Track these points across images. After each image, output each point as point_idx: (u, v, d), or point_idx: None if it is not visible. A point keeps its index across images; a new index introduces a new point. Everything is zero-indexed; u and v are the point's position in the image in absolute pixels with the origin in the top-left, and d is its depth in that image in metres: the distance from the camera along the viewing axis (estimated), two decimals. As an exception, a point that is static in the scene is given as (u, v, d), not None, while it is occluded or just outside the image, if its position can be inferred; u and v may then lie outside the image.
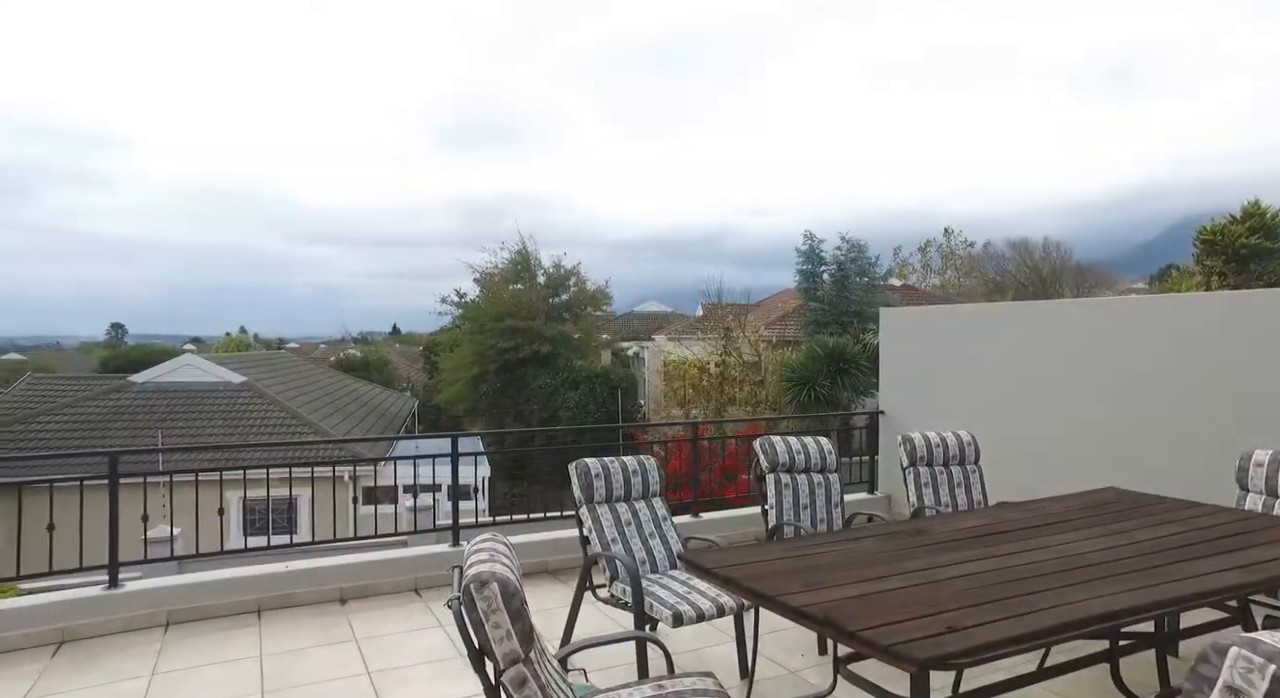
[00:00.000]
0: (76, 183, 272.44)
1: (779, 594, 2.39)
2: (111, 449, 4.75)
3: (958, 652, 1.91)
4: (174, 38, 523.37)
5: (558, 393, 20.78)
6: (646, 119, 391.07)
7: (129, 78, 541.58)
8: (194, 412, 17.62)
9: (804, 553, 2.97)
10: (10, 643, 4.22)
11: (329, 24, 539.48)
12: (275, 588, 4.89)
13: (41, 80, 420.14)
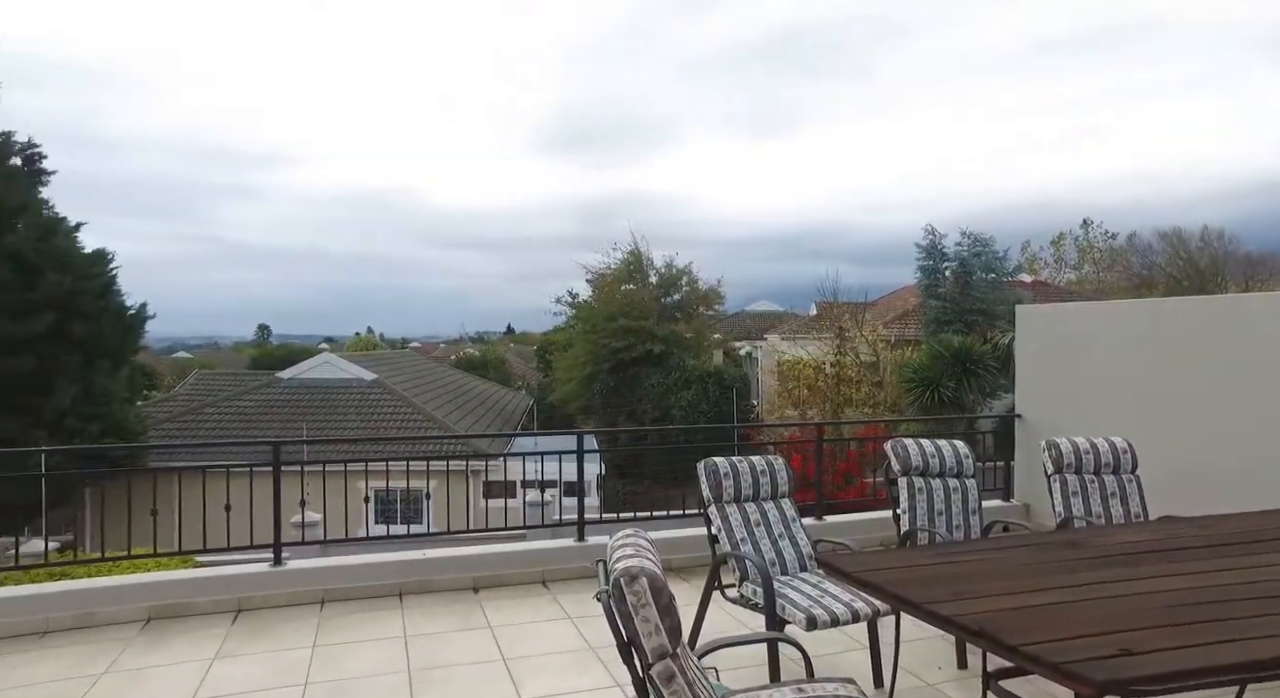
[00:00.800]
0: (230, 197, 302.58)
1: (926, 602, 2.31)
2: (275, 439, 5.18)
3: (1144, 677, 1.77)
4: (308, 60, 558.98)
5: (670, 392, 20.90)
6: (758, 117, 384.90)
7: (265, 100, 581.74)
8: (331, 406, 18.96)
9: (947, 560, 2.85)
10: (200, 608, 4.71)
11: (447, 28, 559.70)
12: (415, 574, 5.18)
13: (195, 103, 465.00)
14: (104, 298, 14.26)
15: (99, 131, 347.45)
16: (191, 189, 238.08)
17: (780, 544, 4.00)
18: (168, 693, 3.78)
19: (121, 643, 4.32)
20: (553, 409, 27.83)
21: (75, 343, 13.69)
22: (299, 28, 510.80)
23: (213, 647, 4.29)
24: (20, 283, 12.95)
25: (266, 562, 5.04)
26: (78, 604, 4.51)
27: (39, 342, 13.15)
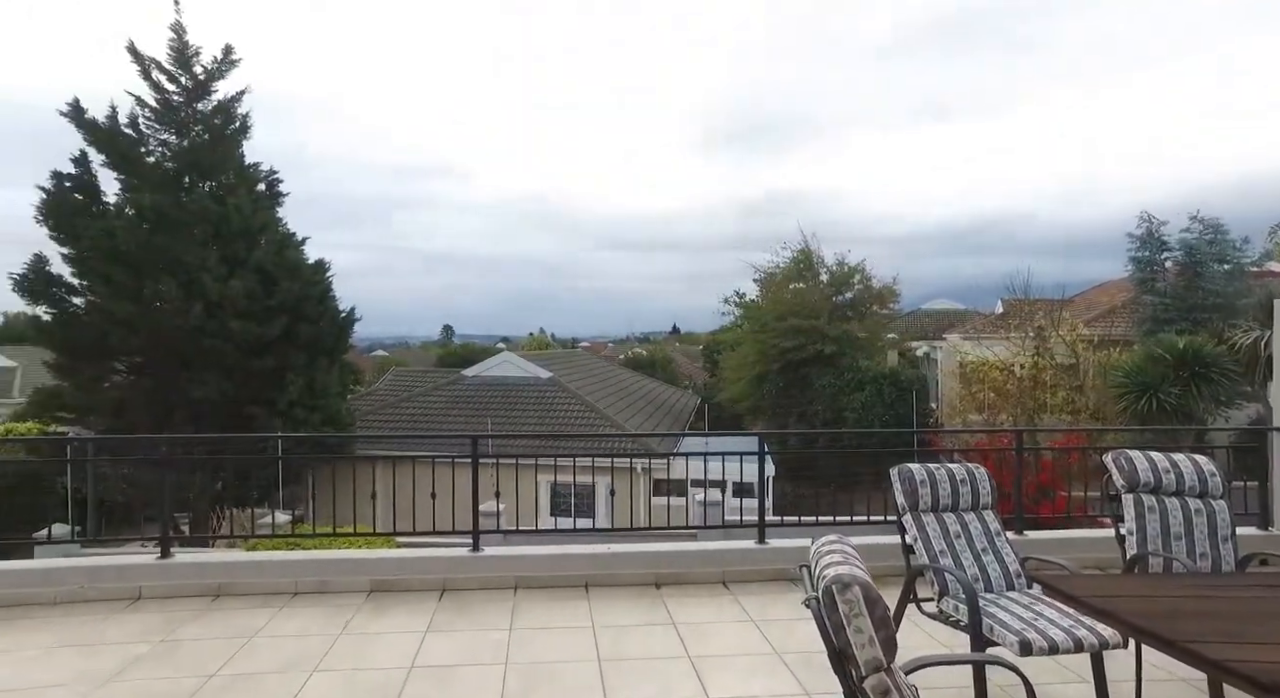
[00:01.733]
0: (415, 208, 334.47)
1: (1186, 640, 2.04)
2: (474, 432, 5.58)
3: None
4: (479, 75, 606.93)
5: (842, 394, 20.22)
6: (931, 106, 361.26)
7: (440, 116, 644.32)
8: (511, 402, 20.15)
9: (1202, 594, 2.51)
10: (411, 584, 5.18)
11: (612, 33, 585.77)
12: (600, 567, 5.36)
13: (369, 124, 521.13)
14: (323, 303, 16.13)
15: (308, 155, 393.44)
16: (382, 203, 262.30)
17: (984, 559, 3.73)
18: (392, 657, 4.18)
19: (352, 609, 4.85)
20: (720, 409, 27.87)
21: (301, 343, 15.59)
22: (466, 46, 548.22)
23: (424, 620, 4.70)
24: (263, 291, 14.96)
25: (466, 547, 5.43)
26: (318, 572, 5.12)
27: (276, 343, 15.12)
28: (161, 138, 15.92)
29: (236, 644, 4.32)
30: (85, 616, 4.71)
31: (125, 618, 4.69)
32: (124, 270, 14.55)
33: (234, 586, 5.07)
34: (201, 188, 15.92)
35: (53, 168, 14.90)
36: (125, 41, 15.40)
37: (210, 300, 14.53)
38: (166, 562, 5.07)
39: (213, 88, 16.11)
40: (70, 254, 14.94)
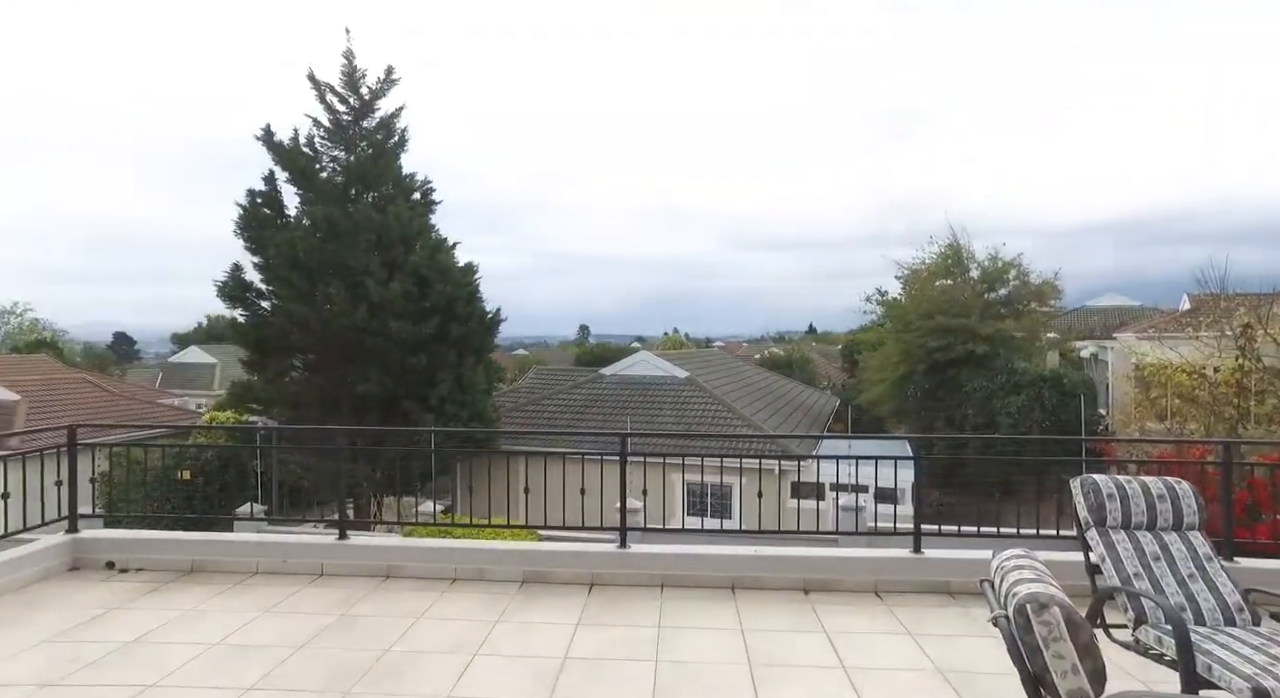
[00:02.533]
0: (553, 211, 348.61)
1: None
2: (623, 431, 5.66)
3: None
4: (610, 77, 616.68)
5: (996, 397, 18.89)
6: (1090, 84, 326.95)
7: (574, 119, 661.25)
8: (649, 401, 20.39)
9: None
10: (560, 577, 5.33)
11: (741, 31, 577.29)
12: (746, 569, 5.28)
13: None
14: (471, 304, 17.01)
15: (459, 163, 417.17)
16: (523, 207, 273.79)
17: (1191, 587, 3.32)
18: (547, 647, 4.32)
19: (506, 598, 5.06)
20: (861, 411, 26.88)
21: (452, 342, 16.52)
22: (603, 49, 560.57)
23: (575, 614, 4.81)
24: (418, 293, 16.01)
25: (612, 544, 5.51)
26: (476, 561, 5.38)
27: (429, 341, 16.12)
28: (333, 154, 17.38)
29: (406, 623, 4.62)
30: (282, 586, 5.20)
31: (312, 592, 5.13)
32: (301, 276, 16.03)
33: (401, 568, 5.42)
34: (365, 198, 17.23)
35: (249, 187, 16.68)
36: (306, 71, 16.97)
37: (372, 302, 15.69)
38: (344, 543, 5.51)
39: (376, 106, 17.40)
40: (259, 263, 16.64)
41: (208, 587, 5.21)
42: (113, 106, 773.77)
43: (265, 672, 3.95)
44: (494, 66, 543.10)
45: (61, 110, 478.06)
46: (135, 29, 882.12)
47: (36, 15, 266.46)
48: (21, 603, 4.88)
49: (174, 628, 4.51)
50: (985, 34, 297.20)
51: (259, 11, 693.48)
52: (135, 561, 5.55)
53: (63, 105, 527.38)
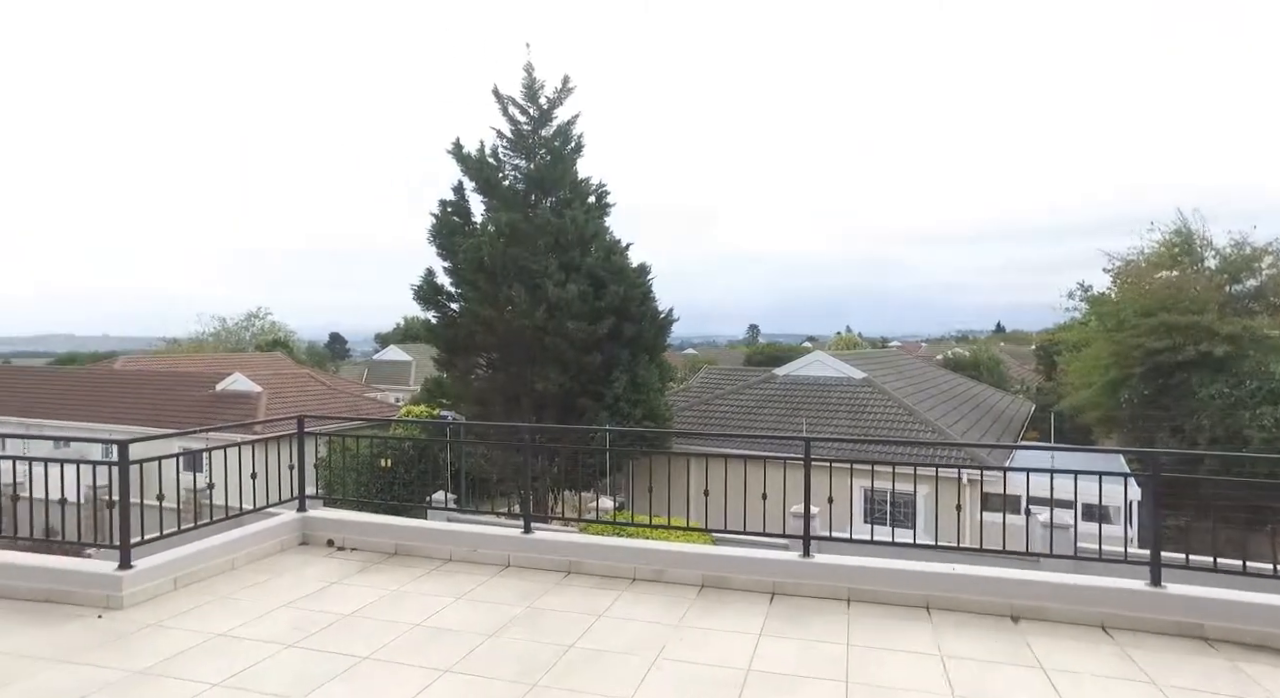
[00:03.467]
0: (728, 210, 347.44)
1: None
2: (807, 435, 5.40)
3: None
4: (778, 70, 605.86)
5: (1240, 406, 16.27)
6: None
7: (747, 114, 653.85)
8: (823, 402, 19.68)
9: None
10: (740, 584, 5.17)
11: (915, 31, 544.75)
12: (942, 588, 4.84)
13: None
14: (645, 304, 17.29)
15: (632, 166, 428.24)
16: (692, 207, 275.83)
17: None
18: (728, 656, 4.17)
19: (686, 602, 4.97)
20: (1062, 418, 24.31)
21: (626, 341, 16.88)
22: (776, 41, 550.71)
23: (756, 623, 4.63)
24: (593, 294, 16.52)
25: (793, 552, 5.26)
26: (655, 562, 5.35)
27: (603, 341, 16.58)
28: (514, 163, 18.36)
29: (588, 621, 4.66)
30: (473, 574, 5.46)
31: (499, 582, 5.34)
32: (486, 279, 17.07)
33: (582, 565, 5.50)
34: (544, 204, 18.04)
35: (440, 198, 18.07)
36: (491, 86, 18.09)
37: (550, 303, 16.38)
38: (529, 537, 5.69)
39: (553, 115, 18.17)
40: (449, 267, 17.94)
41: (409, 570, 5.58)
42: (328, 130, 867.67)
43: (459, 657, 4.13)
44: (666, 67, 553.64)
45: (286, 135, 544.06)
46: (349, 57, 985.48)
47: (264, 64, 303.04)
48: (265, 569, 5.49)
49: (382, 606, 4.85)
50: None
51: (451, 36, 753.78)
52: (351, 540, 6.08)
53: (284, 130, 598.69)
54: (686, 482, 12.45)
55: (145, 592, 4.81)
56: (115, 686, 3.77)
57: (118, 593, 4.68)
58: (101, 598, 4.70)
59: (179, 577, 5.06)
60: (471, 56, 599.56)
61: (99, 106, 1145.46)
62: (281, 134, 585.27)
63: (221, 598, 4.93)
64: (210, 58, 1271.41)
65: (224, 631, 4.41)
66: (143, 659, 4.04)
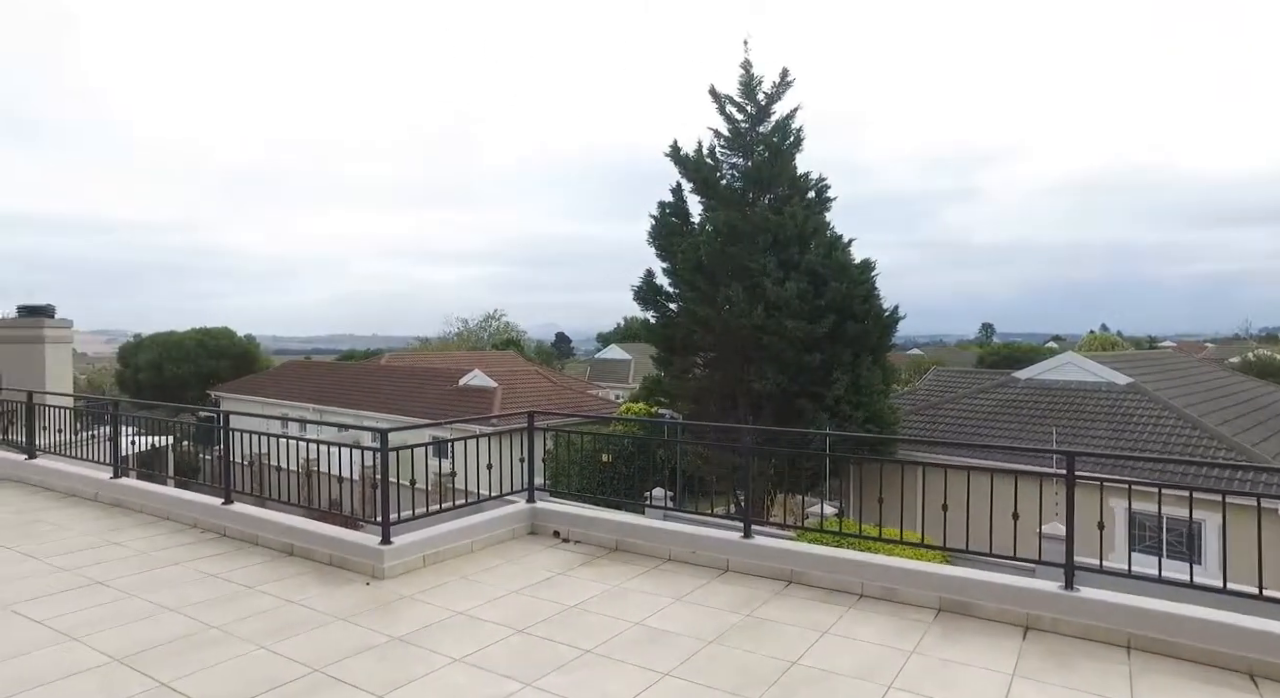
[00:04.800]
0: (953, 201, 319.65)
1: None
2: (1070, 449, 4.66)
3: None
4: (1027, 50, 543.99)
5: None
6: None
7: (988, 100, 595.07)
8: (1076, 411, 17.33)
9: None
10: (985, 612, 4.58)
11: None
12: (1270, 652, 3.88)
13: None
14: (868, 302, 16.37)
15: (855, 159, 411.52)
16: (921, 199, 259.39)
17: None
18: (974, 693, 3.68)
19: (920, 626, 4.49)
20: None
21: (847, 341, 16.10)
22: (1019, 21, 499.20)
23: (1008, 661, 4.05)
24: (813, 292, 15.96)
25: (1053, 583, 4.54)
26: (885, 578, 4.92)
27: (823, 340, 15.95)
28: (731, 161, 18.29)
29: (811, 637, 4.37)
30: (691, 576, 5.39)
31: (718, 587, 5.21)
32: (704, 279, 17.16)
33: (804, 575, 5.21)
34: (762, 201, 17.77)
35: (659, 200, 18.51)
36: (707, 86, 18.18)
37: (769, 302, 16.06)
38: (748, 542, 5.50)
39: (771, 111, 17.84)
40: (668, 268, 18.31)
41: (629, 566, 5.64)
42: (547, 139, 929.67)
43: (678, 661, 4.05)
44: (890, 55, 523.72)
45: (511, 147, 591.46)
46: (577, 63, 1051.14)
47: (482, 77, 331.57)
48: (498, 555, 5.86)
49: (604, 601, 4.93)
50: None
51: (668, 37, 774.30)
52: (576, 533, 6.30)
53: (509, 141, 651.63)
54: (919, 491, 11.54)
55: (402, 566, 5.32)
56: (379, 648, 4.16)
57: (381, 565, 5.21)
58: (369, 567, 5.27)
59: (427, 555, 5.54)
60: (690, 58, 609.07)
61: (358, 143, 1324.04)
62: (507, 145, 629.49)
63: (462, 578, 5.31)
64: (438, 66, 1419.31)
65: (464, 610, 4.73)
66: (400, 627, 4.43)
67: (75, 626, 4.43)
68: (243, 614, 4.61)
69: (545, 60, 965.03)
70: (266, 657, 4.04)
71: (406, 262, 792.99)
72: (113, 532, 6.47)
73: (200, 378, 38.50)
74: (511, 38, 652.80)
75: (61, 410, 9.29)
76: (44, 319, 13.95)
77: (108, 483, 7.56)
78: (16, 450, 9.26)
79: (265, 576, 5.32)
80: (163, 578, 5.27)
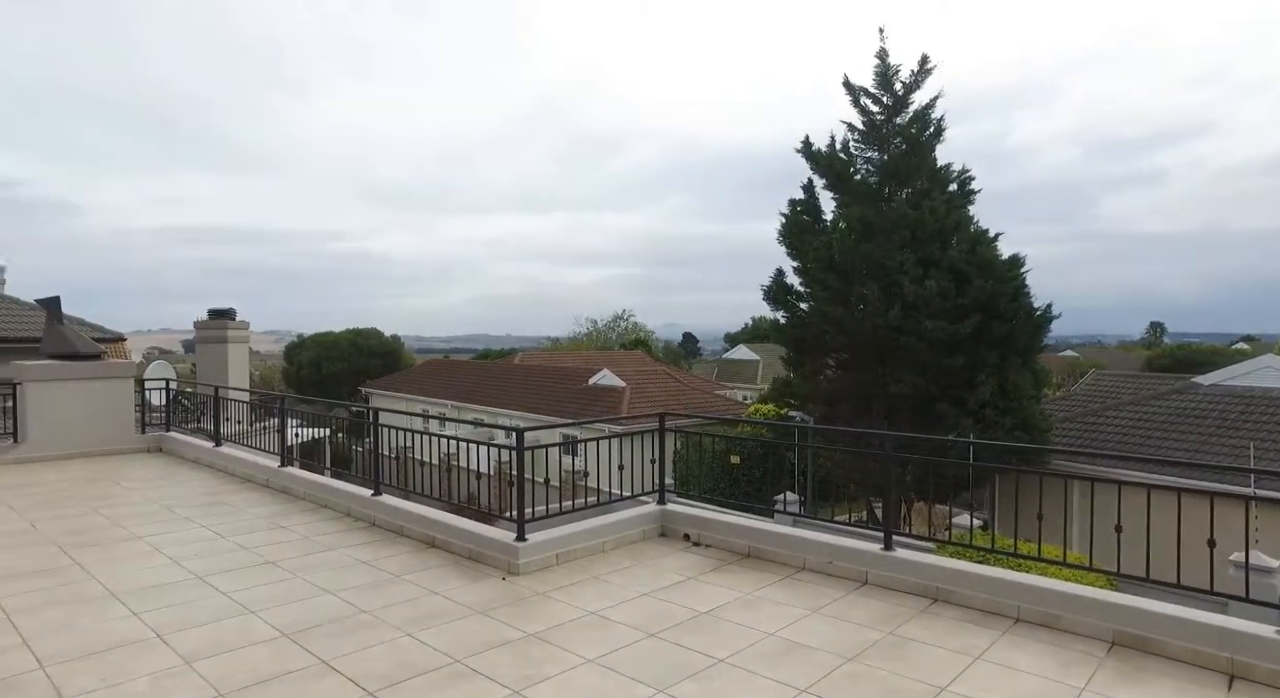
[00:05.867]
0: (1133, 186, 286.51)
1: None
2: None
3: None
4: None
5: None
6: None
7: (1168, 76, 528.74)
8: (1277, 423, 15.29)
9: None
10: (1169, 650, 4.06)
11: None
12: None
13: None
14: (1017, 300, 15.20)
15: (1003, 148, 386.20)
16: (1078, 187, 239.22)
17: None
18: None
19: (1090, 661, 4.05)
20: None
21: (993, 342, 15.03)
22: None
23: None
24: (955, 291, 15.02)
25: (1269, 626, 3.92)
26: (1045, 603, 4.49)
27: (966, 341, 14.97)
28: (866, 155, 17.57)
29: (961, 661, 4.05)
30: (827, 587, 5.16)
31: (856, 600, 4.95)
32: (836, 277, 16.58)
33: (951, 594, 4.85)
34: (899, 196, 16.95)
35: (789, 197, 18.08)
36: (840, 78, 17.56)
37: (906, 301, 15.28)
38: (890, 555, 5.20)
39: (909, 100, 16.98)
40: (799, 267, 17.84)
41: (762, 574, 5.48)
42: (676, 139, 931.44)
43: (816, 678, 3.86)
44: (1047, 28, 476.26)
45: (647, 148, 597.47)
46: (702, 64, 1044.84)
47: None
48: (629, 556, 5.86)
49: (736, 609, 4.80)
50: None
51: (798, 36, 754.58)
52: (706, 537, 6.21)
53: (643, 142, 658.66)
54: (1077, 506, 10.56)
55: (536, 563, 5.43)
56: (515, 643, 4.25)
57: (516, 561, 5.35)
58: (505, 563, 5.42)
59: (560, 553, 5.62)
60: (819, 53, 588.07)
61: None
62: (637, 147, 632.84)
63: (594, 578, 5.35)
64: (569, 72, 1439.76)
65: (596, 610, 4.75)
66: (534, 624, 4.51)
67: (253, 601, 4.83)
68: (390, 601, 4.86)
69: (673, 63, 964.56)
70: (412, 644, 4.22)
71: (540, 264, 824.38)
72: (280, 516, 7.04)
73: (353, 374, 41.68)
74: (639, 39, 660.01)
75: (240, 404, 10.27)
76: (227, 321, 15.52)
77: (276, 471, 8.25)
78: (207, 438, 10.33)
79: (410, 565, 5.59)
80: (321, 562, 5.66)
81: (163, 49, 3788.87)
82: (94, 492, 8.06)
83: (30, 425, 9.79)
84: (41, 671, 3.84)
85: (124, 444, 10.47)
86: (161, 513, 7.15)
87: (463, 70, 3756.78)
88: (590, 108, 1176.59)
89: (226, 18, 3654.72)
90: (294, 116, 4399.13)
